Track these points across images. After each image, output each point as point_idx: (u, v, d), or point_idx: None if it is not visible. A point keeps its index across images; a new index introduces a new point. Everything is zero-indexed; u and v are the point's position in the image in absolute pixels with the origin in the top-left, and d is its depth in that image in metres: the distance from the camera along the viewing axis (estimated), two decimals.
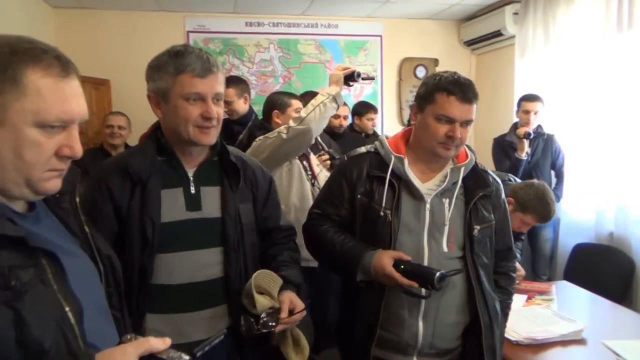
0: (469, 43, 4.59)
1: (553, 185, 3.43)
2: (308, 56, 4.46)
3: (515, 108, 3.82)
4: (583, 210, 3.26)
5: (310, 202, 2.26)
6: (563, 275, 3.07)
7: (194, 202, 1.30)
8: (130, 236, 1.24)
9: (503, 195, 1.57)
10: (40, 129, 0.77)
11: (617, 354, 1.65)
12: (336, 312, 1.66)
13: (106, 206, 1.25)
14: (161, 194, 1.27)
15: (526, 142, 3.25)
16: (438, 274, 1.30)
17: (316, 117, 2.05)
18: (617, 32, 2.97)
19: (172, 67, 1.22)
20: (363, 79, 2.13)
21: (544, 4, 3.61)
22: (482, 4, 4.18)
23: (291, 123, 2.10)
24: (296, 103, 2.42)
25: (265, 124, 2.45)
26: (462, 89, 1.41)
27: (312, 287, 2.28)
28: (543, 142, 3.36)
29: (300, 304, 1.31)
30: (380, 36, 4.58)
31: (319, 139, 2.67)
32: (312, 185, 2.38)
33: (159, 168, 1.28)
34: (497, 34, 4.13)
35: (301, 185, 2.29)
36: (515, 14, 3.91)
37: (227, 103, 2.98)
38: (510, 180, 2.40)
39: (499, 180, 1.58)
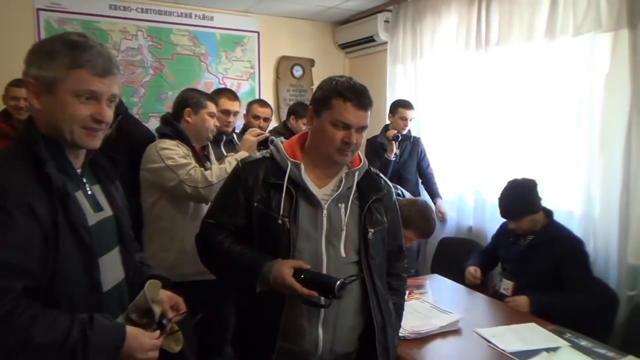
0: (344, 46, 4.74)
1: (420, 184, 3.68)
2: (182, 48, 4.19)
3: (386, 111, 4.06)
4: (447, 207, 3.57)
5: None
6: (430, 268, 3.34)
7: (95, 203, 1.18)
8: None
9: (394, 197, 1.62)
10: None
11: (488, 340, 1.84)
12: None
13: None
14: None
15: (395, 144, 3.46)
16: (338, 282, 1.30)
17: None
18: (475, 50, 3.32)
19: (67, 58, 1.05)
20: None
21: (412, 16, 3.86)
22: (356, 10, 4.35)
23: (199, 182, 2.04)
24: (211, 106, 2.29)
25: (171, 120, 2.27)
26: (358, 95, 1.43)
27: (208, 299, 2.18)
28: (410, 144, 3.59)
29: (178, 298, 1.29)
30: (258, 32, 4.51)
31: (235, 139, 2.56)
32: None
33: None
34: (370, 39, 4.33)
35: None
36: (387, 22, 4.14)
37: None
38: (399, 195, 2.52)
39: (390, 184, 1.64)
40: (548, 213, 2.41)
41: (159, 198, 2.18)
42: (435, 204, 3.53)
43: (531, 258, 2.33)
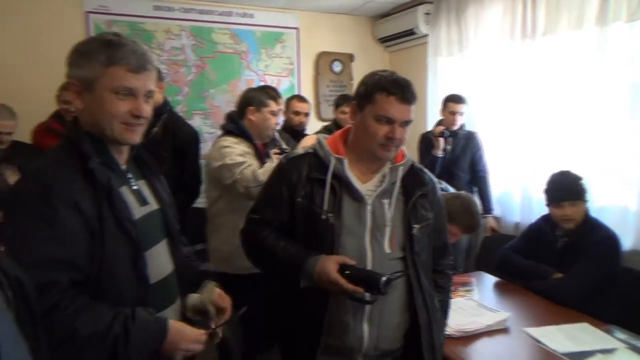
0: (383, 40, 4.68)
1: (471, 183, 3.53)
2: (223, 46, 4.25)
3: (428, 105, 3.99)
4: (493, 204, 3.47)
5: None
6: (475, 264, 3.26)
7: (141, 198, 1.22)
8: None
9: (439, 193, 1.59)
10: None
11: (537, 340, 1.78)
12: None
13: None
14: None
15: (442, 141, 3.36)
16: (384, 278, 1.29)
17: None
18: (521, 40, 3.19)
19: (103, 56, 1.10)
20: None
21: (456, 7, 3.76)
22: (396, 2, 4.29)
23: (250, 181, 2.12)
24: (273, 105, 2.38)
25: (235, 117, 2.39)
26: (402, 89, 1.40)
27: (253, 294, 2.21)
28: (465, 139, 3.42)
29: (225, 296, 1.33)
30: (297, 28, 4.52)
31: (277, 137, 2.64)
32: None
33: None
34: (410, 32, 4.25)
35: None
36: (428, 14, 4.05)
37: None
38: (442, 190, 2.45)
39: (435, 179, 1.61)
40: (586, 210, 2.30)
41: (221, 195, 2.29)
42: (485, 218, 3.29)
43: (567, 260, 2.22)
